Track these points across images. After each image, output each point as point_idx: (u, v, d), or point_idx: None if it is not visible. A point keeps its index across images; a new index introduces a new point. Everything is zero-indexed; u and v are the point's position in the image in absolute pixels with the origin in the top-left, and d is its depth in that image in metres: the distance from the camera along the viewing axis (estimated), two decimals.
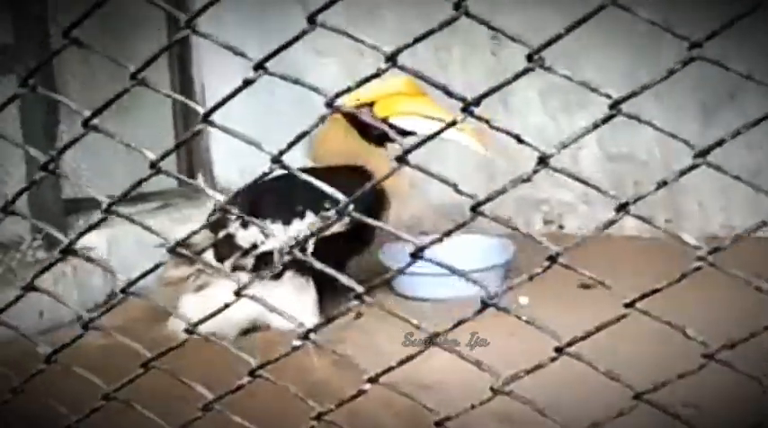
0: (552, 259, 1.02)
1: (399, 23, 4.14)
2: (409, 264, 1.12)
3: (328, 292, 3.15)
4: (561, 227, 4.34)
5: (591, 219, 4.18)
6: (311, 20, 1.02)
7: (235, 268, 3.05)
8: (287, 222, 3.12)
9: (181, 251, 1.31)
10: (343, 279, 1.20)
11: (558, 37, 0.93)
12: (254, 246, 3.07)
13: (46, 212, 3.41)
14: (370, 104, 3.30)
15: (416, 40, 0.96)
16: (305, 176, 1.17)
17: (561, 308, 2.97)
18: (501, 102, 4.12)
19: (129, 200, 3.98)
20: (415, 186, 3.69)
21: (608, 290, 1.02)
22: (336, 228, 3.12)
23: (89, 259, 1.39)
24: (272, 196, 3.09)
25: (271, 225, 3.11)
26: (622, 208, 0.98)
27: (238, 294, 1.27)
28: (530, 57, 0.95)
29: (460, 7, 0.94)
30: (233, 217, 3.14)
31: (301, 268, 3.06)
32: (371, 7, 4.22)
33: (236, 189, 3.33)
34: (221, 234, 3.10)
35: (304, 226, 3.12)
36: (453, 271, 1.10)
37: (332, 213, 1.22)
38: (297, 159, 3.83)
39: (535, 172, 0.99)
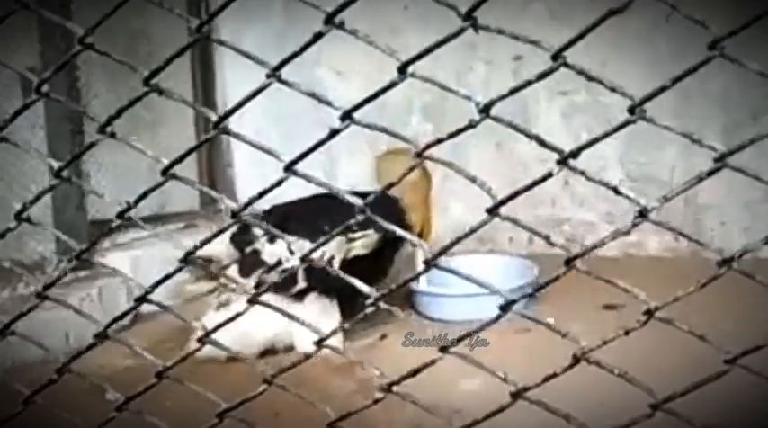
0: (568, 262, 1.02)
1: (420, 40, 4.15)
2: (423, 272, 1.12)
3: (353, 314, 3.15)
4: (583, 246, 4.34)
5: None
6: (329, 20, 1.02)
7: (258, 284, 3.07)
8: (313, 240, 3.14)
9: (198, 262, 1.30)
10: (362, 285, 1.20)
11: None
12: (279, 263, 3.08)
13: (71, 233, 3.44)
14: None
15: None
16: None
17: (586, 328, 2.97)
18: (525, 123, 4.13)
19: (152, 220, 4.03)
20: (437, 205, 3.70)
21: (632, 304, 1.01)
22: (359, 251, 3.14)
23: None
24: (300, 214, 3.11)
25: (297, 242, 3.13)
26: (642, 215, 0.98)
27: (251, 301, 1.27)
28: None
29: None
30: (259, 233, 3.17)
31: (326, 289, 3.07)
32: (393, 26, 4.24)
33: (260, 208, 3.35)
34: (248, 249, 3.12)
35: (330, 245, 3.14)
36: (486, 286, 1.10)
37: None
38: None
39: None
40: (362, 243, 3.10)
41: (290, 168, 1.10)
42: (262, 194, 1.17)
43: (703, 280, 0.96)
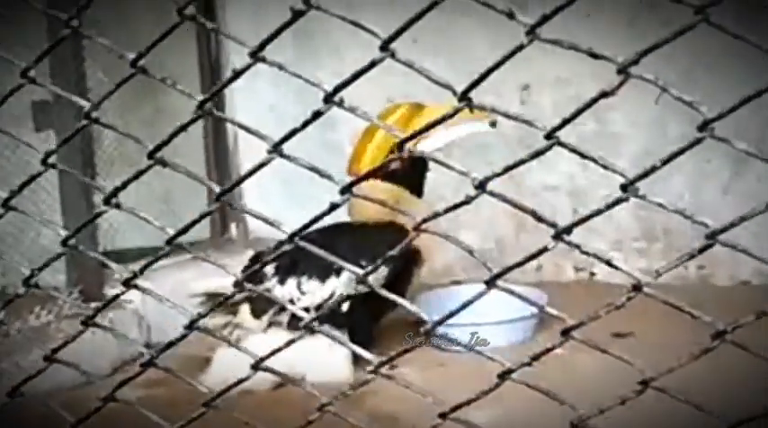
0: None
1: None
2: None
3: (363, 346, 3.15)
4: (593, 274, 4.33)
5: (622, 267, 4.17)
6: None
7: (270, 324, 3.06)
8: (323, 279, 3.14)
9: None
10: (358, 350, 1.22)
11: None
12: (291, 302, 3.08)
13: (83, 265, 3.45)
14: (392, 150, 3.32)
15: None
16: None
17: (595, 356, 2.96)
18: (533, 151, 4.13)
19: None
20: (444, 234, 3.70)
21: (641, 333, 1.02)
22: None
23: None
24: (310, 252, 3.12)
25: (307, 281, 3.14)
26: (636, 288, 0.99)
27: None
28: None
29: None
30: (269, 271, 3.16)
31: (336, 322, 3.07)
32: None
33: (273, 240, 3.35)
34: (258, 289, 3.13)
35: (340, 283, 3.14)
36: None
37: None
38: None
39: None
40: (373, 278, 3.10)
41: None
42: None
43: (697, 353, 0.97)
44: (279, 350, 1.26)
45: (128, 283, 1.30)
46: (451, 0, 0.94)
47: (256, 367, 1.26)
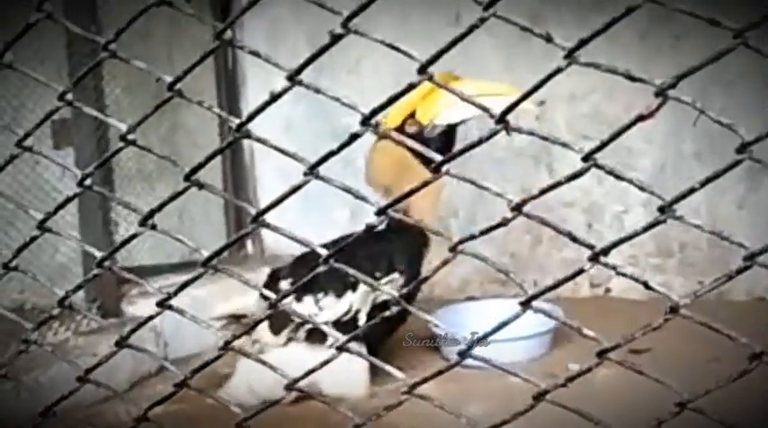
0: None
1: None
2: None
3: (380, 359, 3.15)
4: (608, 290, 4.32)
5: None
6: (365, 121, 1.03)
7: (288, 340, 3.07)
8: (339, 294, 3.14)
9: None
10: (395, 371, 1.23)
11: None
12: (308, 318, 3.10)
13: (101, 281, 3.47)
14: (411, 115, 3.25)
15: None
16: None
17: (612, 372, 2.95)
18: (546, 166, 4.13)
19: (180, 267, 4.02)
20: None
21: (658, 348, 1.03)
22: (386, 296, 3.14)
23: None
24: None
25: (324, 297, 3.13)
26: (673, 310, 1.00)
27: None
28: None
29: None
30: (287, 287, 3.17)
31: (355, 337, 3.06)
32: None
33: (291, 255, 3.36)
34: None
35: (356, 297, 3.13)
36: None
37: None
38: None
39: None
40: (388, 288, 3.10)
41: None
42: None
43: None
44: (313, 371, 1.27)
45: (162, 304, 1.33)
46: (467, 22, 0.96)
47: (290, 388, 1.28)
